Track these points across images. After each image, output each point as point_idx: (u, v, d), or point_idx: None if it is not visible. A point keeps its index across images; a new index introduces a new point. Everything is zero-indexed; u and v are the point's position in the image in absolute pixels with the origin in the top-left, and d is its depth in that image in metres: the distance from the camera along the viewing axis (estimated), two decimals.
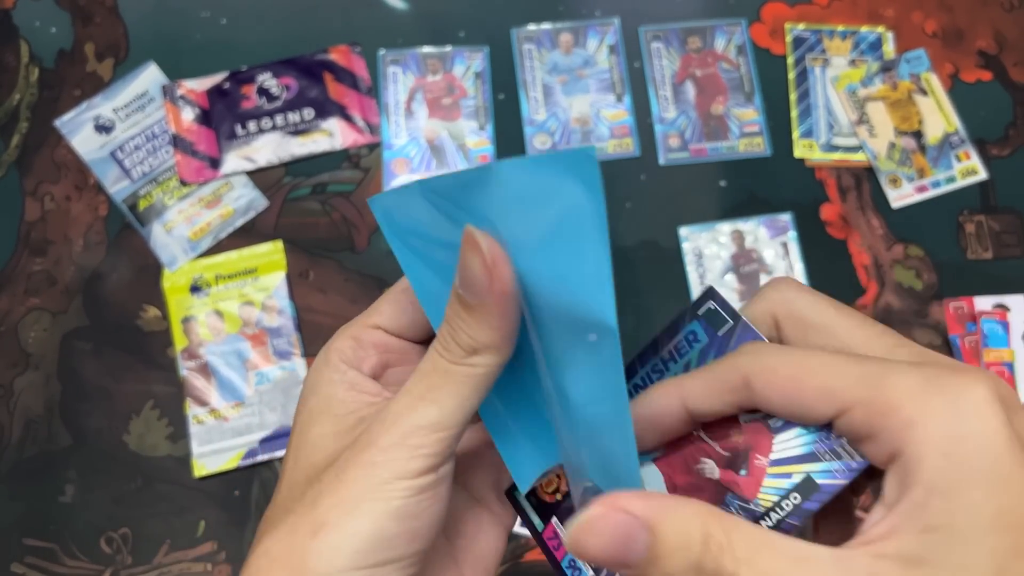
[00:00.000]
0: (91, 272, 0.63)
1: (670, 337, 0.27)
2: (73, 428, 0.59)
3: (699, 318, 0.26)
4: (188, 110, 0.66)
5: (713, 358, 0.26)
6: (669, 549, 0.21)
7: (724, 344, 0.26)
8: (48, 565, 0.56)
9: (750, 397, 0.23)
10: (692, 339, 0.27)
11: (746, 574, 0.20)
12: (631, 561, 0.21)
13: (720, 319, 0.26)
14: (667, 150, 0.66)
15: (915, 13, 0.70)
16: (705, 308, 0.26)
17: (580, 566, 0.28)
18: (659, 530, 0.21)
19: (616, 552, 0.21)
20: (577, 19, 0.69)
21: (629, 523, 0.21)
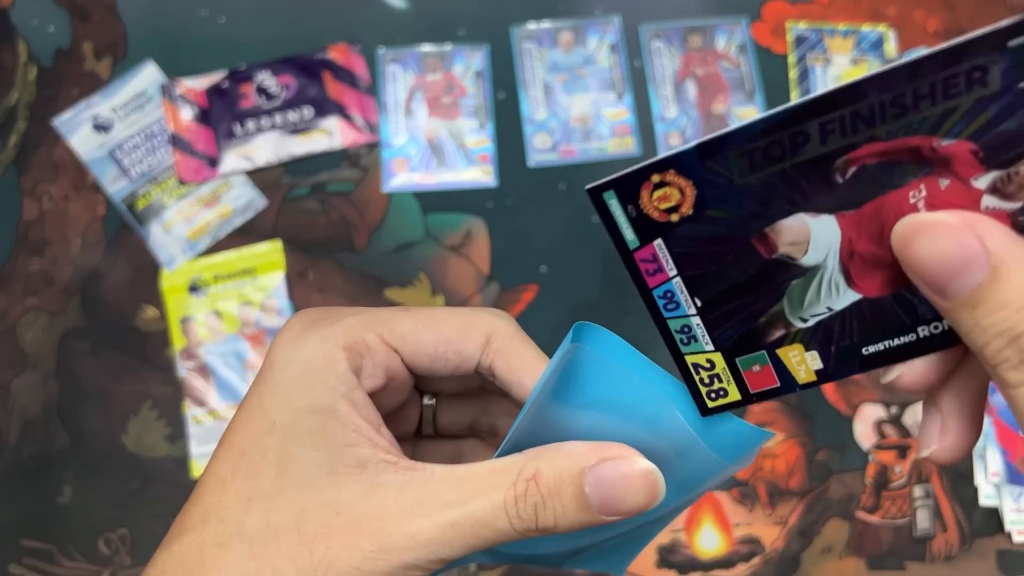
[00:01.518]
0: (89, 272, 0.62)
1: (945, 64, 0.18)
2: (71, 429, 0.59)
3: (1003, 51, 0.18)
4: (187, 109, 0.65)
5: (992, 116, 0.18)
6: (1000, 302, 0.18)
7: (1018, 103, 0.18)
8: (46, 566, 0.56)
9: None
10: (976, 78, 0.18)
11: None
12: (950, 290, 0.18)
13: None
14: (668, 149, 0.66)
15: (917, 12, 0.70)
16: (1016, 42, 0.18)
17: (678, 300, 0.23)
18: (1003, 277, 0.18)
19: (941, 271, 0.18)
20: (577, 17, 0.69)
21: (974, 251, 0.18)
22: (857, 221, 0.20)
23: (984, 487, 0.58)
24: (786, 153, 0.20)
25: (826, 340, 0.22)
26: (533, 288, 0.63)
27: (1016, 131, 0.18)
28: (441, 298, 0.62)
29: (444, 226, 0.64)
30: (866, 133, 0.19)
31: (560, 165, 0.65)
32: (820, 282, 0.21)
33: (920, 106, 0.19)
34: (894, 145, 0.19)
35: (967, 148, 0.19)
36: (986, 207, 0.19)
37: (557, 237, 0.64)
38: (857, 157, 0.20)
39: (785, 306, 0.22)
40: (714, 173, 0.21)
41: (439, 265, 0.63)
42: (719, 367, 0.23)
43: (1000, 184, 0.19)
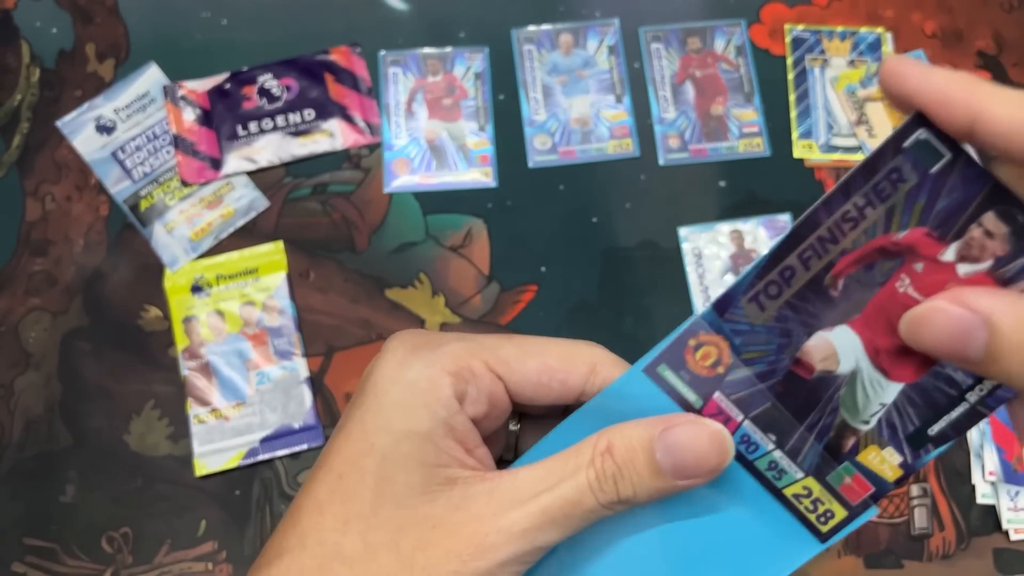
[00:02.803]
0: (92, 272, 0.63)
1: (866, 177, 0.22)
2: (74, 428, 0.59)
3: (905, 152, 0.22)
4: (189, 111, 0.66)
5: (925, 201, 0.21)
6: (1009, 348, 0.20)
7: (939, 184, 0.21)
8: (49, 565, 0.56)
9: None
10: (896, 178, 0.22)
11: None
12: (968, 357, 0.20)
13: (934, 153, 0.21)
14: (667, 150, 0.66)
15: (914, 14, 0.71)
16: (913, 139, 0.21)
17: (755, 441, 0.25)
18: (999, 327, 0.20)
19: (951, 347, 0.20)
20: (577, 20, 0.69)
21: (966, 319, 0.20)
22: (866, 323, 0.23)
23: (981, 486, 0.59)
24: (782, 288, 0.23)
25: (893, 434, 0.24)
26: (533, 288, 0.63)
27: (950, 206, 0.22)
28: (441, 298, 0.63)
29: (444, 227, 0.64)
30: (837, 249, 0.23)
31: (560, 166, 0.66)
32: (863, 385, 0.24)
33: (866, 214, 0.22)
34: (863, 251, 0.22)
35: (921, 233, 0.22)
36: (964, 274, 0.22)
37: (557, 237, 0.64)
38: (839, 271, 0.23)
39: (845, 415, 0.24)
40: (734, 322, 0.24)
41: (439, 265, 0.63)
42: (816, 491, 0.24)
43: (964, 251, 0.22)
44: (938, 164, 0.21)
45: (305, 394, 0.59)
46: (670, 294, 0.62)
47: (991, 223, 0.21)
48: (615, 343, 0.64)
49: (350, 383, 0.61)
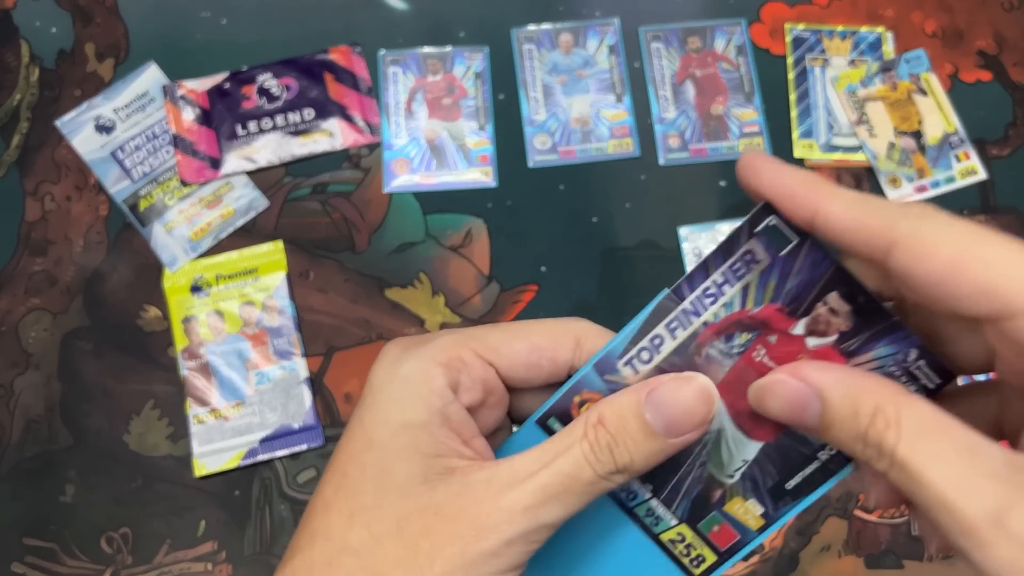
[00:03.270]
0: (92, 272, 0.63)
1: (724, 258, 0.25)
2: (73, 428, 0.59)
3: (757, 235, 0.24)
4: (189, 110, 0.66)
5: (776, 281, 0.24)
6: (838, 418, 0.22)
7: (788, 265, 0.24)
8: (48, 565, 0.56)
9: (886, 257, 0.21)
10: (750, 259, 0.24)
11: (904, 450, 0.20)
12: (806, 425, 0.23)
13: (783, 237, 0.24)
14: (667, 150, 0.66)
15: (915, 13, 0.70)
16: (764, 225, 0.24)
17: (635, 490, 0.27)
18: (829, 400, 0.22)
19: (791, 415, 0.23)
20: (577, 19, 0.69)
21: (803, 391, 0.23)
22: (728, 387, 0.25)
23: None
24: (653, 354, 0.25)
25: (755, 487, 0.26)
26: (533, 288, 0.63)
27: (799, 286, 0.24)
28: (441, 298, 0.62)
29: (444, 227, 0.64)
30: (699, 321, 0.25)
31: (560, 166, 0.66)
32: (727, 443, 0.26)
33: (724, 290, 0.25)
34: (723, 324, 0.25)
35: (774, 309, 0.25)
36: (813, 347, 0.24)
37: (557, 237, 0.64)
38: (702, 341, 0.25)
39: (712, 470, 0.26)
40: (612, 383, 0.26)
41: (440, 265, 0.63)
42: (688, 537, 0.27)
43: (812, 326, 0.24)
44: (786, 248, 0.24)
45: (305, 394, 0.59)
46: None
47: (835, 302, 0.24)
48: None
49: (350, 383, 0.61)
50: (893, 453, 0.21)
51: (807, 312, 0.24)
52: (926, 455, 0.20)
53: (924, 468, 0.20)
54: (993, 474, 0.19)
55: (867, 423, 0.21)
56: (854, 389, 0.22)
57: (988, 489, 0.19)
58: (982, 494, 0.19)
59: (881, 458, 0.21)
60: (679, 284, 0.25)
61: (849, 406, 0.22)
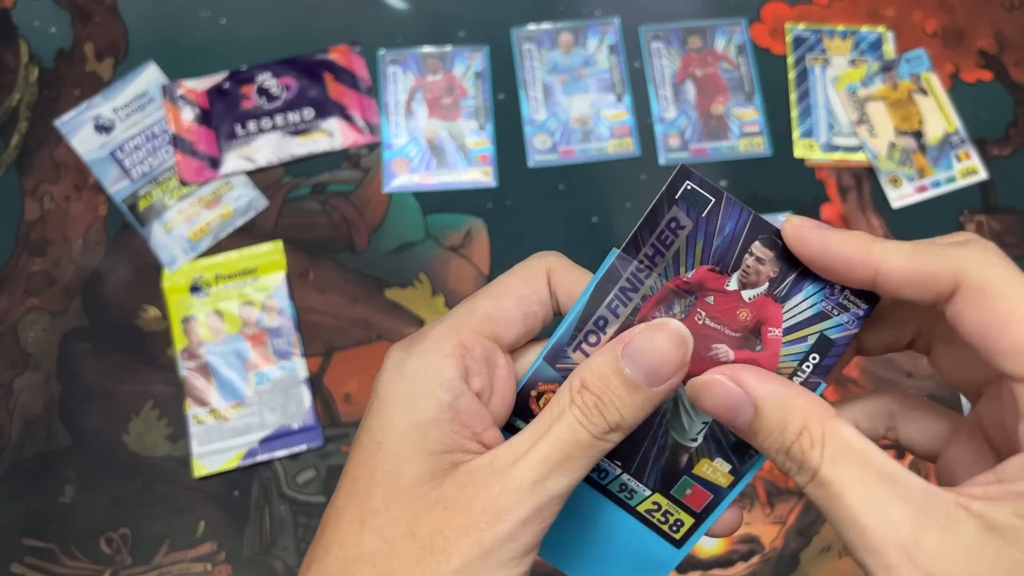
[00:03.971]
0: (91, 272, 0.63)
1: (650, 230, 0.25)
2: (72, 428, 0.59)
3: (678, 202, 0.25)
4: (188, 110, 0.66)
5: (703, 242, 0.25)
6: (766, 429, 0.23)
7: (711, 225, 0.25)
8: (48, 565, 0.56)
9: (943, 302, 0.22)
10: (675, 227, 0.25)
11: (827, 472, 0.22)
12: (735, 426, 0.24)
13: (701, 199, 0.25)
14: (667, 150, 0.66)
15: (915, 13, 0.70)
16: (682, 190, 0.25)
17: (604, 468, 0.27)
18: (762, 411, 0.23)
19: (723, 414, 0.24)
20: (577, 19, 0.69)
21: (737, 396, 0.24)
22: None
23: None
24: (599, 335, 0.26)
25: (719, 446, 0.27)
26: None
27: (724, 242, 0.25)
28: (441, 298, 0.62)
29: (444, 226, 0.64)
30: (638, 296, 0.26)
31: (560, 166, 0.66)
32: (684, 408, 0.27)
33: (656, 261, 0.25)
34: (660, 294, 0.26)
35: (705, 269, 0.25)
36: (749, 298, 0.25)
37: (557, 237, 0.64)
38: (643, 315, 0.26)
39: (675, 436, 0.27)
40: (564, 370, 0.26)
41: (439, 265, 0.63)
42: (664, 504, 0.28)
43: (744, 279, 0.25)
44: (706, 208, 0.25)
45: (304, 394, 0.59)
46: None
47: (759, 250, 0.25)
48: None
49: (349, 383, 0.60)
50: (816, 471, 0.22)
51: (736, 267, 0.25)
52: (846, 477, 0.21)
53: (843, 490, 0.21)
54: (907, 501, 0.21)
55: (792, 440, 0.23)
56: (785, 405, 0.23)
57: (900, 516, 0.20)
58: (894, 520, 0.20)
59: (801, 472, 0.22)
60: (612, 264, 0.26)
61: (778, 420, 0.23)
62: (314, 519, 0.58)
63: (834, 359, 0.25)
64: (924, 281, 0.22)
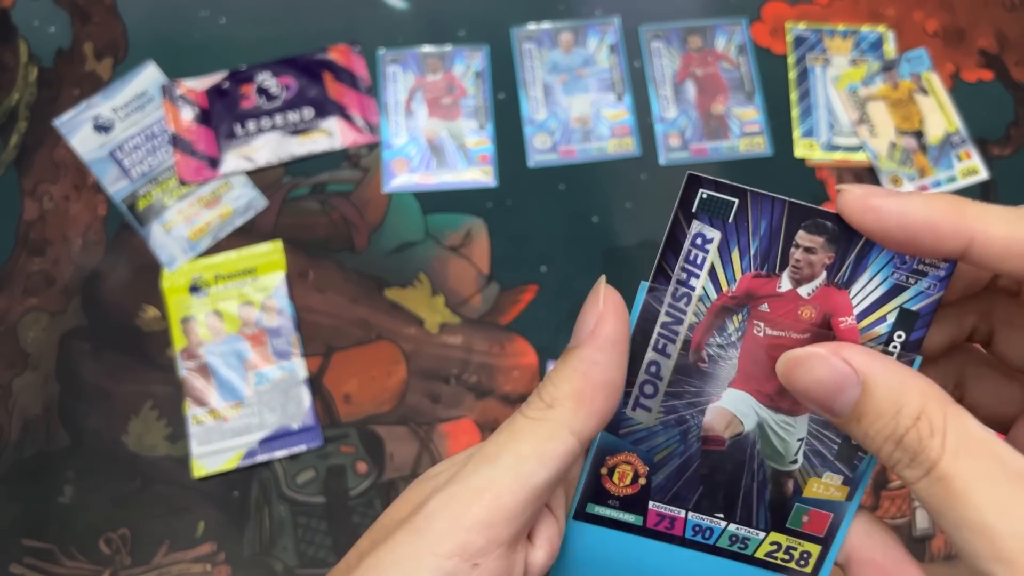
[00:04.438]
0: (90, 272, 0.62)
1: (675, 253, 0.23)
2: (72, 428, 0.59)
3: (697, 215, 0.22)
4: (187, 110, 0.65)
5: (738, 251, 0.22)
6: (877, 412, 0.20)
7: (742, 228, 0.22)
8: (47, 566, 0.56)
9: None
10: (702, 242, 0.22)
11: (948, 465, 0.19)
12: (835, 409, 0.21)
13: (722, 203, 0.22)
14: (668, 150, 0.66)
15: (916, 12, 0.70)
16: (698, 201, 0.22)
17: (705, 526, 0.25)
18: (872, 390, 0.20)
19: (822, 394, 0.21)
20: (577, 18, 0.69)
21: (843, 373, 0.21)
22: (746, 377, 0.24)
23: None
24: (656, 384, 0.24)
25: (824, 460, 0.24)
26: (533, 288, 0.63)
27: (763, 243, 0.22)
28: (441, 298, 0.62)
29: (444, 226, 0.64)
30: (684, 327, 0.23)
31: (560, 165, 0.66)
32: (773, 431, 0.24)
33: (692, 284, 0.23)
34: (709, 317, 0.23)
35: (750, 277, 0.23)
36: (808, 294, 0.23)
37: (557, 237, 0.64)
38: (697, 344, 0.23)
39: (773, 465, 0.24)
40: (631, 435, 0.24)
41: (439, 265, 0.63)
42: (784, 541, 0.25)
43: (796, 275, 0.23)
44: (731, 212, 0.22)
45: (304, 395, 0.59)
46: None
47: (806, 240, 0.22)
48: None
49: (349, 383, 0.60)
50: (935, 464, 0.19)
51: (785, 264, 0.23)
52: (972, 474, 0.19)
53: (969, 488, 0.19)
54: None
55: (908, 426, 0.20)
56: (901, 385, 0.20)
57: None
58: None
59: (914, 465, 0.20)
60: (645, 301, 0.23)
61: (892, 402, 0.20)
62: (313, 519, 0.58)
63: (922, 331, 0.22)
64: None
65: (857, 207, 0.21)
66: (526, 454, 0.21)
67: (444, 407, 0.60)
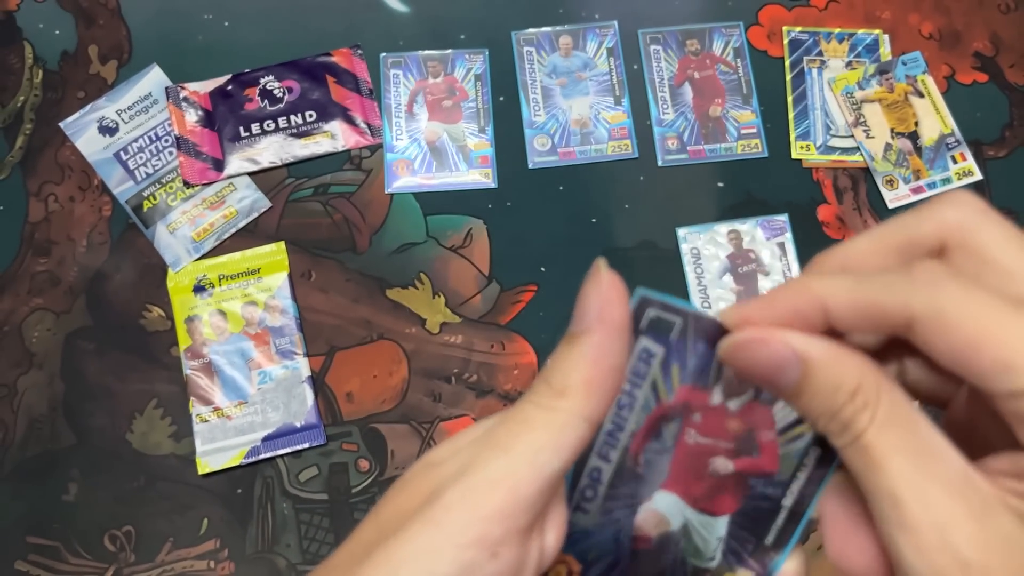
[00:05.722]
0: (95, 272, 0.63)
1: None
2: (76, 427, 0.60)
3: (645, 333, 0.24)
4: (191, 112, 0.66)
5: (677, 366, 0.24)
6: (815, 388, 0.21)
7: (682, 347, 0.24)
8: (52, 563, 0.57)
9: (907, 333, 0.20)
10: (647, 357, 0.24)
11: (872, 436, 0.20)
12: (776, 386, 0.22)
13: (666, 323, 0.24)
14: (665, 152, 0.67)
15: (911, 15, 0.71)
16: (647, 320, 0.24)
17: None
18: (813, 368, 0.21)
19: (764, 374, 0.22)
20: (576, 22, 0.70)
21: (784, 353, 0.21)
22: (676, 480, 0.25)
23: None
24: (596, 488, 0.25)
25: (738, 557, 0.26)
26: (533, 288, 0.63)
27: (699, 360, 0.24)
28: (442, 299, 0.63)
29: (445, 227, 0.65)
30: (626, 434, 0.25)
31: (559, 167, 0.66)
32: (696, 531, 0.26)
33: (636, 395, 0.24)
34: (647, 426, 0.25)
35: (687, 389, 0.24)
36: (735, 408, 0.24)
37: (557, 238, 0.65)
38: (635, 451, 0.25)
39: (695, 562, 0.26)
40: (569, 537, 0.25)
41: (440, 266, 0.64)
42: None
43: (728, 390, 0.24)
44: (674, 330, 0.24)
45: (307, 393, 0.60)
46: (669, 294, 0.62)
47: None
48: None
49: (351, 382, 0.61)
50: (861, 433, 0.20)
51: (718, 379, 0.24)
52: (891, 445, 0.20)
53: (886, 457, 0.20)
54: (948, 483, 0.19)
55: (844, 400, 0.21)
56: (839, 362, 0.21)
57: (939, 496, 0.19)
58: (932, 499, 0.19)
59: (843, 434, 0.21)
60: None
61: (832, 378, 0.21)
62: (316, 516, 0.58)
63: (835, 452, 0.23)
64: (875, 312, 0.21)
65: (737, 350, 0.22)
66: (541, 444, 0.21)
67: (445, 406, 0.60)
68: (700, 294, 0.63)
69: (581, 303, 0.23)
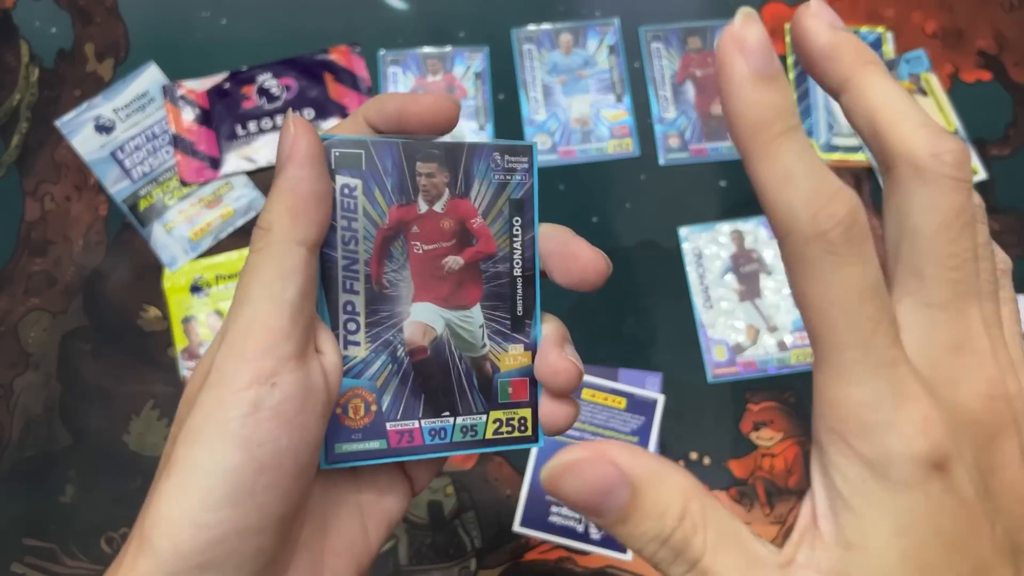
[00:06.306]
0: (91, 272, 0.63)
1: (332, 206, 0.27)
2: (73, 428, 0.59)
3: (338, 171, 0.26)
4: (188, 110, 0.66)
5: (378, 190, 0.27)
6: (644, 514, 0.20)
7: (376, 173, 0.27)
8: (48, 565, 0.56)
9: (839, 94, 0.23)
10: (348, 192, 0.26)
11: (709, 561, 0.20)
12: (602, 512, 0.21)
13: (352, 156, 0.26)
14: (667, 150, 0.66)
15: (915, 13, 0.70)
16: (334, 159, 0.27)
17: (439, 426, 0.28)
18: (641, 492, 0.20)
19: (592, 500, 0.21)
20: (577, 19, 0.69)
21: (613, 477, 0.20)
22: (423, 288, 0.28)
23: None
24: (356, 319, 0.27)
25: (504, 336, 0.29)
26: None
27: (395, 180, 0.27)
28: None
29: None
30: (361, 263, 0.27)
31: (559, 166, 0.66)
32: (459, 326, 0.28)
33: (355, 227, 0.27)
34: (376, 251, 0.27)
35: (395, 208, 0.27)
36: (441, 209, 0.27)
37: None
38: (376, 275, 0.27)
39: (468, 354, 0.29)
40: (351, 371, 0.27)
41: None
42: (502, 415, 0.29)
43: (427, 196, 0.27)
44: (363, 159, 0.26)
45: None
46: (670, 294, 0.62)
47: (424, 167, 0.27)
48: (615, 343, 0.64)
49: None
50: (698, 560, 0.20)
51: (416, 191, 0.27)
52: (726, 567, 0.20)
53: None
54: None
55: (673, 526, 0.20)
56: (665, 484, 0.20)
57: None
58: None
59: (679, 563, 0.20)
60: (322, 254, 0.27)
61: (660, 502, 0.20)
62: None
63: (531, 212, 0.29)
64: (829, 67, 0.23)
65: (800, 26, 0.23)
66: (269, 279, 0.24)
67: None
68: (702, 294, 0.62)
69: (277, 151, 0.25)
